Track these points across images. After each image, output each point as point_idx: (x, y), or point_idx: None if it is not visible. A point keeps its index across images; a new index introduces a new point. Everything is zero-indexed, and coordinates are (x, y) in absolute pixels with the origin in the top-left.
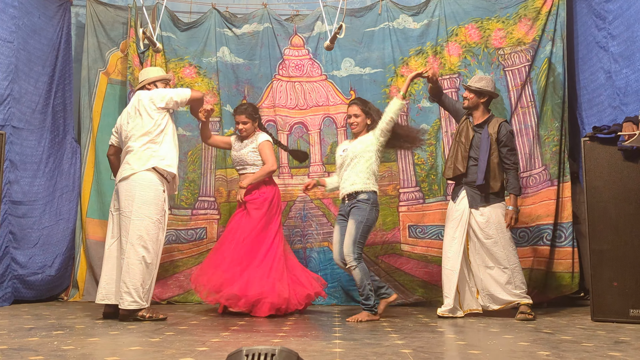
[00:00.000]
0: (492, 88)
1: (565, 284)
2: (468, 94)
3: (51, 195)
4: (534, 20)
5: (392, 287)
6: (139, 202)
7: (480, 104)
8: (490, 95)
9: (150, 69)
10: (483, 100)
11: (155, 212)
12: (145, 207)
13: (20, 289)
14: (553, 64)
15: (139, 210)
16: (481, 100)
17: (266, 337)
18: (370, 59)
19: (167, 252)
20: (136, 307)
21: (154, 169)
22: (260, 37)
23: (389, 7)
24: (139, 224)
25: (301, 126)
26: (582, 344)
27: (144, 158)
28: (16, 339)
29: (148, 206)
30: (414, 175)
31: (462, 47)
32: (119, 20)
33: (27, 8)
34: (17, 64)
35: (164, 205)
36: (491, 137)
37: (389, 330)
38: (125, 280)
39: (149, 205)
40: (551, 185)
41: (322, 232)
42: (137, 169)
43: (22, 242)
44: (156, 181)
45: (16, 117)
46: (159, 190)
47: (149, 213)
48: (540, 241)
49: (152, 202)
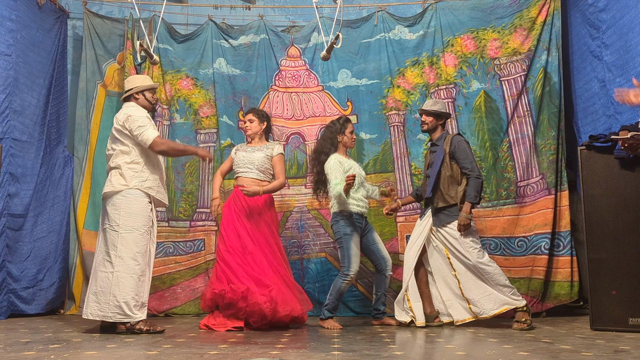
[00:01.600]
0: (446, 110)
1: (565, 292)
2: (426, 118)
3: (42, 206)
4: (529, 30)
5: (391, 298)
6: (126, 215)
7: (438, 125)
8: (446, 117)
9: (136, 77)
10: (441, 122)
11: (143, 224)
12: (132, 219)
13: (16, 303)
14: (549, 73)
15: (127, 223)
16: (439, 122)
17: (264, 349)
18: (366, 70)
19: (165, 265)
20: (126, 320)
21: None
22: (256, 48)
23: (385, 18)
24: (128, 236)
25: (298, 137)
26: (581, 353)
27: (127, 177)
28: (12, 352)
29: (134, 218)
30: (412, 185)
31: (457, 57)
32: (116, 33)
33: (25, 21)
34: (16, 77)
35: (150, 215)
36: (445, 152)
37: (388, 341)
38: (115, 294)
39: (135, 217)
40: (548, 194)
41: (320, 243)
42: (120, 188)
43: (15, 255)
44: (139, 194)
45: (18, 130)
46: (144, 202)
47: (136, 225)
48: (538, 250)
49: (138, 214)
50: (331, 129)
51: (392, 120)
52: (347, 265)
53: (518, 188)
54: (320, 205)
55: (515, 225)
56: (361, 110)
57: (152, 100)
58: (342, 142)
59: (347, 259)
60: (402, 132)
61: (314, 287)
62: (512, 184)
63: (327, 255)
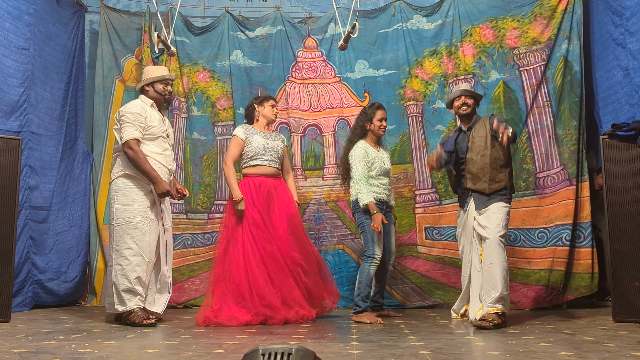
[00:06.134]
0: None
1: (585, 284)
2: (470, 100)
3: (64, 201)
4: (549, 18)
5: (409, 289)
6: (118, 207)
7: (475, 108)
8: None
9: (150, 68)
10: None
11: (136, 214)
12: (123, 210)
13: (40, 294)
14: (570, 62)
15: (119, 215)
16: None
17: (283, 339)
18: (384, 61)
19: (183, 256)
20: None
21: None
22: (273, 40)
23: (402, 8)
24: (119, 229)
25: (315, 128)
26: (604, 344)
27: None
28: (34, 342)
29: (126, 209)
30: (430, 177)
31: (476, 47)
32: (133, 27)
33: (42, 15)
34: (33, 71)
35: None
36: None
37: (407, 332)
38: (115, 284)
39: (126, 208)
40: (570, 185)
41: (337, 235)
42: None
43: (40, 248)
44: (129, 184)
45: (35, 124)
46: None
47: (128, 216)
48: (559, 242)
49: (130, 204)
50: (361, 117)
51: (410, 111)
52: (371, 249)
53: (537, 179)
54: (337, 197)
55: (535, 216)
56: (379, 101)
57: (162, 92)
58: (371, 130)
59: (370, 242)
60: (421, 123)
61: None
62: (531, 175)
63: (344, 247)
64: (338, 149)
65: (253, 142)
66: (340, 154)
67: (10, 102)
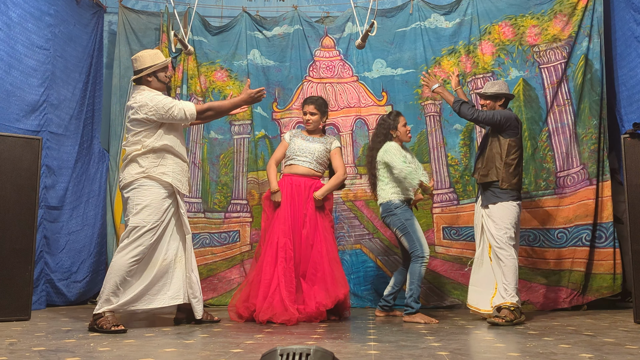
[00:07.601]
0: (506, 90)
1: (607, 285)
2: (484, 101)
3: (78, 200)
4: (569, 16)
5: (427, 290)
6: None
7: (497, 107)
8: (507, 97)
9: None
10: (500, 103)
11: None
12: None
13: (52, 294)
14: (590, 60)
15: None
16: (498, 103)
17: (300, 339)
18: (401, 60)
19: (201, 255)
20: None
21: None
22: (290, 39)
23: (420, 7)
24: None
25: (332, 127)
26: (625, 346)
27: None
28: (53, 340)
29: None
30: (448, 177)
31: (495, 45)
32: (151, 27)
33: (63, 16)
34: (53, 71)
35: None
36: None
37: (425, 332)
38: None
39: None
40: (590, 184)
41: (354, 235)
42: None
43: (52, 247)
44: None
45: (54, 123)
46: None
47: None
48: (579, 242)
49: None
50: (383, 125)
51: (428, 110)
52: (419, 248)
53: (557, 179)
54: (355, 196)
55: (554, 216)
56: (396, 100)
57: (164, 79)
58: (397, 137)
59: (417, 242)
60: (439, 122)
61: (349, 278)
62: (552, 175)
63: (362, 247)
64: (355, 148)
65: (292, 144)
66: (364, 162)
67: (30, 101)
